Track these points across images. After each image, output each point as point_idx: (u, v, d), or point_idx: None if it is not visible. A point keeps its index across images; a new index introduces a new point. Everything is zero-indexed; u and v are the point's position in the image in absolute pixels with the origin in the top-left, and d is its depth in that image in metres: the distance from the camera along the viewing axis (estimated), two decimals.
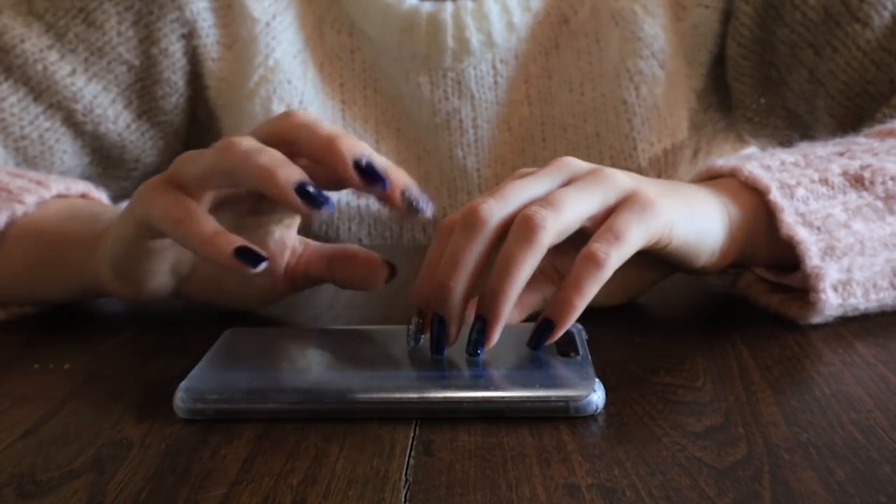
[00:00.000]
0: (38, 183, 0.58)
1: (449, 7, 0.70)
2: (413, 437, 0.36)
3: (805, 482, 0.32)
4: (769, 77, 0.70)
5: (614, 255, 0.41)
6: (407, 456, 0.35)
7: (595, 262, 0.41)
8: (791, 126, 0.72)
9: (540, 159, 0.73)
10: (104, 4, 0.71)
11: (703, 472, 0.33)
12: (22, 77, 0.70)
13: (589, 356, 0.42)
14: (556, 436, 0.36)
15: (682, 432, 0.36)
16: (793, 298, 0.50)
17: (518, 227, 0.41)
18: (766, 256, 0.51)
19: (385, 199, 0.42)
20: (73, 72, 0.71)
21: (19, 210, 0.56)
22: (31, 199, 0.56)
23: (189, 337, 0.42)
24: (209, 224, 0.42)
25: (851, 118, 0.66)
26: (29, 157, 0.72)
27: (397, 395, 0.38)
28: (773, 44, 0.68)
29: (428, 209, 0.42)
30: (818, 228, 0.48)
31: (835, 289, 0.47)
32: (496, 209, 0.42)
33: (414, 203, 0.42)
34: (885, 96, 0.65)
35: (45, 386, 0.44)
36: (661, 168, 0.72)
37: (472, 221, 0.41)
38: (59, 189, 0.58)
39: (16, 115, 0.71)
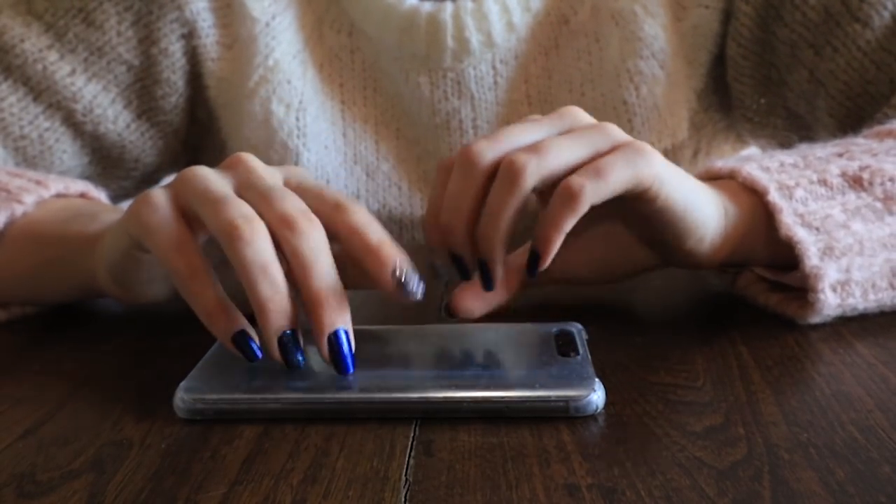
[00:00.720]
0: (37, 182, 0.58)
1: (449, 7, 0.70)
2: (413, 437, 0.36)
3: (805, 482, 0.32)
4: (769, 77, 0.70)
5: (590, 188, 0.41)
6: (407, 456, 0.35)
7: (569, 194, 0.41)
8: (791, 126, 0.72)
9: None
10: (104, 4, 0.71)
11: (703, 472, 0.33)
12: (21, 77, 0.70)
13: (589, 356, 0.42)
14: (556, 436, 0.36)
15: (682, 432, 0.36)
16: (792, 298, 0.50)
17: (501, 172, 0.42)
18: (765, 257, 0.51)
19: (375, 278, 0.40)
20: (73, 72, 0.71)
21: (18, 210, 0.56)
22: (30, 199, 0.56)
23: (189, 337, 0.42)
24: (212, 291, 0.40)
25: (852, 118, 0.66)
26: (28, 157, 0.72)
27: (397, 395, 0.38)
28: (773, 44, 0.68)
29: (419, 290, 0.39)
30: (817, 229, 0.48)
31: (833, 289, 0.47)
32: (487, 150, 0.43)
33: (405, 283, 0.39)
34: (886, 96, 0.65)
35: (45, 386, 0.44)
36: None
37: (464, 162, 0.43)
38: (58, 188, 0.58)
39: (15, 115, 0.71)
